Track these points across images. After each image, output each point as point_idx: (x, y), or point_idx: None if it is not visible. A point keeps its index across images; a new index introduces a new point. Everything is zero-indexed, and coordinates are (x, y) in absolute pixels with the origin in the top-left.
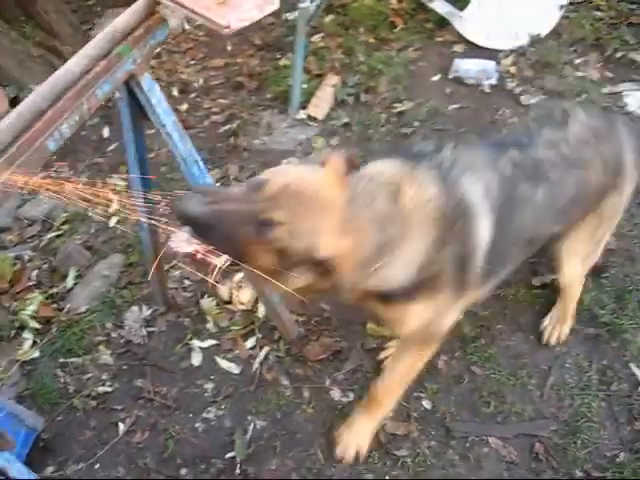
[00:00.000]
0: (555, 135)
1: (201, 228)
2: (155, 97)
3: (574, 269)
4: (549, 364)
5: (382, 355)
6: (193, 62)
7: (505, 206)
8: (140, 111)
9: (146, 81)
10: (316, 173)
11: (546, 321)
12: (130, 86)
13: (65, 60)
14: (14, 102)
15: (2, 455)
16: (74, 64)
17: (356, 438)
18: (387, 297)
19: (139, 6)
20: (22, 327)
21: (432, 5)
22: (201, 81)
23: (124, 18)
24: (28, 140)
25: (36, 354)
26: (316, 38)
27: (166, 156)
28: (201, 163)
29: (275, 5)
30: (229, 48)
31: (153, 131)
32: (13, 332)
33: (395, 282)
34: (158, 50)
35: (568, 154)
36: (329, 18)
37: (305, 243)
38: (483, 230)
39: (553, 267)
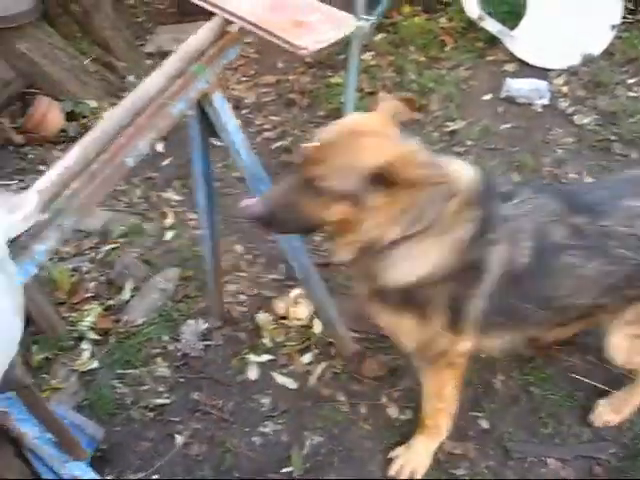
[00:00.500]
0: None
1: (270, 222)
2: (225, 115)
3: (625, 340)
4: (608, 385)
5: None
6: (244, 79)
7: (533, 272)
8: (209, 128)
9: (217, 99)
10: (361, 117)
11: (600, 405)
12: (202, 104)
13: (120, 76)
14: (70, 116)
15: (78, 465)
16: (151, 82)
17: (412, 460)
18: (385, 298)
19: (212, 26)
20: (80, 338)
21: (483, 24)
22: (253, 98)
23: (198, 38)
24: (110, 156)
25: (94, 365)
26: (367, 56)
27: (220, 172)
28: (267, 180)
29: (352, 27)
30: (280, 65)
31: None
32: (72, 343)
33: (401, 275)
34: None
35: None
36: (380, 37)
37: (351, 174)
38: (488, 283)
39: None
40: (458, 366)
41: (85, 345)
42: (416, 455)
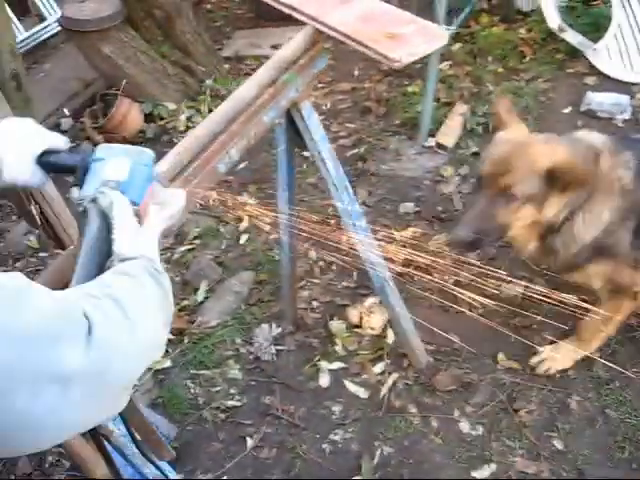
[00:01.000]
0: None
1: (474, 242)
2: (313, 124)
3: None
4: None
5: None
6: (321, 85)
7: None
8: (296, 137)
9: (306, 108)
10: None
11: None
12: (291, 112)
13: (198, 79)
14: (148, 118)
15: (163, 465)
16: (245, 90)
17: (553, 358)
18: (568, 264)
19: (304, 36)
20: None
21: (563, 35)
22: (329, 104)
23: (290, 47)
24: (203, 162)
25: (168, 364)
26: (444, 66)
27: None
28: (350, 190)
29: (445, 40)
30: (356, 73)
31: None
32: None
33: (583, 238)
34: None
35: None
36: (457, 46)
37: (532, 176)
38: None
39: None
40: (637, 301)
41: None
42: (560, 356)
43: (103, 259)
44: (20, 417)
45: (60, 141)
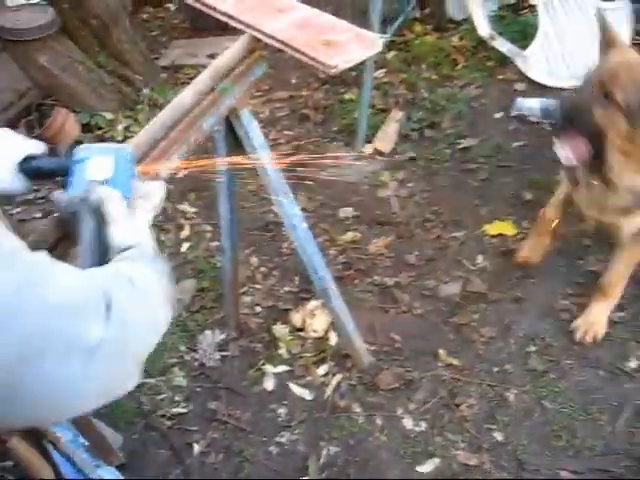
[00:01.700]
0: None
1: (567, 120)
2: (252, 131)
3: None
4: (620, 400)
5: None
6: (259, 93)
7: None
8: (236, 143)
9: (245, 115)
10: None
11: None
12: (229, 120)
13: (136, 88)
14: (86, 128)
15: (109, 470)
16: (184, 98)
17: (593, 324)
18: (629, 209)
19: (241, 44)
20: None
21: (493, 43)
22: (267, 112)
23: (227, 56)
24: (144, 170)
25: None
26: (379, 74)
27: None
28: (291, 194)
29: (379, 47)
30: (293, 81)
31: None
32: None
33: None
34: None
35: None
36: (392, 54)
37: (632, 90)
38: None
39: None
40: None
41: None
42: (596, 319)
43: (103, 254)
44: (48, 382)
45: (39, 147)
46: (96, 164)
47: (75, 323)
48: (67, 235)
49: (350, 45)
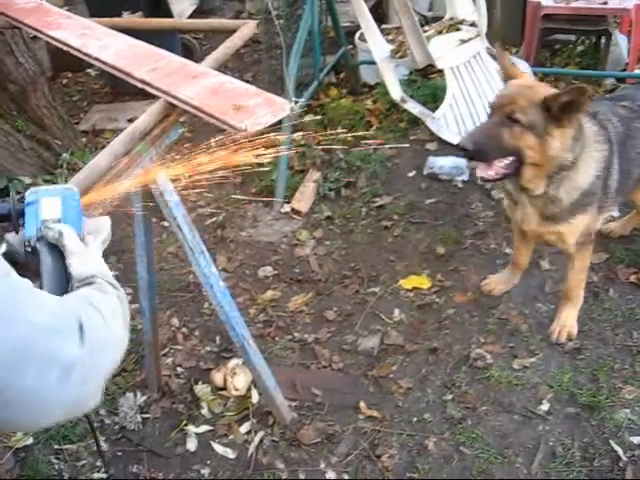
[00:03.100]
0: None
1: (481, 151)
2: (168, 191)
3: None
4: (535, 442)
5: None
6: (178, 157)
7: (626, 138)
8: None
9: (160, 177)
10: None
11: None
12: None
13: (55, 153)
14: (3, 192)
15: None
16: (101, 159)
17: (565, 325)
18: (560, 216)
19: (156, 108)
20: None
21: (405, 106)
22: (186, 175)
23: (143, 119)
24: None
25: (30, 441)
26: (297, 136)
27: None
28: (207, 253)
29: (287, 111)
30: (212, 144)
31: None
32: None
33: (582, 184)
34: None
35: None
36: (308, 117)
37: (533, 107)
38: (615, 158)
39: (531, 350)
40: (593, 242)
41: None
42: (567, 321)
43: (64, 285)
44: (29, 392)
45: None
46: (46, 205)
47: (54, 340)
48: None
49: (260, 109)
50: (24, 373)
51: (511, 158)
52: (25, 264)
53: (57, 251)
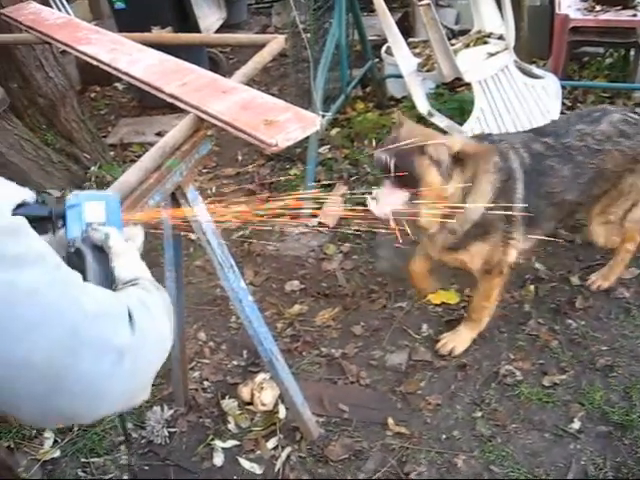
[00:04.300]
0: (587, 129)
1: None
2: (197, 206)
3: (601, 227)
4: (566, 461)
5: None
6: (205, 170)
7: (535, 172)
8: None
9: (191, 192)
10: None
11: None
12: (176, 196)
13: (83, 166)
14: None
15: None
16: (130, 175)
17: (455, 340)
18: (458, 245)
19: (186, 123)
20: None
21: (432, 119)
22: (214, 189)
23: (173, 134)
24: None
25: (57, 454)
26: (324, 150)
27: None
28: (236, 268)
29: (317, 126)
30: (240, 158)
31: None
32: (34, 432)
33: (474, 216)
34: None
35: (591, 145)
36: (335, 131)
37: (442, 148)
38: (519, 189)
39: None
40: (504, 275)
41: (47, 434)
42: (459, 337)
43: (108, 287)
44: (85, 377)
45: (30, 194)
46: (90, 208)
47: (107, 327)
48: None
49: (289, 124)
50: (81, 358)
51: (406, 194)
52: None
53: (101, 253)
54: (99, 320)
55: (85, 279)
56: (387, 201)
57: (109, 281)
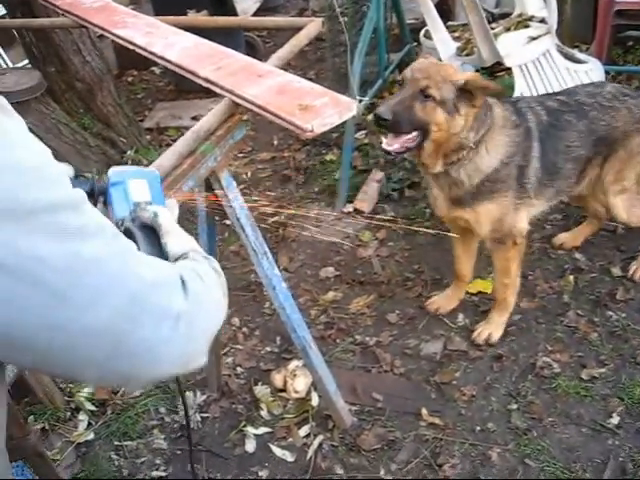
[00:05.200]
0: (594, 90)
1: (396, 122)
2: (232, 192)
3: (617, 197)
4: (603, 457)
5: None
6: (241, 155)
7: (553, 127)
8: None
9: (225, 177)
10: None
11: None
12: (210, 181)
13: (120, 150)
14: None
15: None
16: (165, 160)
17: (490, 327)
18: (468, 198)
19: (221, 108)
20: (77, 409)
21: None
22: (249, 174)
23: (208, 119)
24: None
25: (91, 436)
26: (360, 135)
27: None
28: (270, 255)
29: (354, 111)
30: (275, 143)
31: None
32: (69, 414)
33: (485, 168)
34: None
35: (602, 102)
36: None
37: (447, 85)
38: (536, 147)
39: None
40: (520, 245)
41: (82, 416)
42: (492, 324)
43: None
44: (145, 342)
45: (70, 170)
46: (134, 187)
47: (164, 293)
48: None
49: (326, 109)
50: (141, 324)
51: (415, 133)
52: None
53: (151, 231)
54: (156, 287)
55: None
56: (398, 139)
57: (162, 257)
